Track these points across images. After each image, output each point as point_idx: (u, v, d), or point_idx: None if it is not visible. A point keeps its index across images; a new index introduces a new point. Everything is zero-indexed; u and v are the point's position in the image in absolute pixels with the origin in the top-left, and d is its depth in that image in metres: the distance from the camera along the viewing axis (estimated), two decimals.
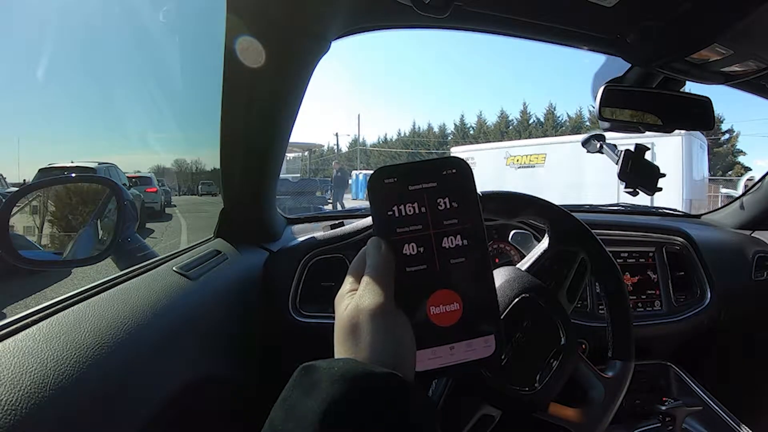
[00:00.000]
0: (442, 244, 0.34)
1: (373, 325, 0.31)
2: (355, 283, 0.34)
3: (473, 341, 0.33)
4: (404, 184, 0.34)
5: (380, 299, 0.31)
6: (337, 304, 0.34)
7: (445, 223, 0.34)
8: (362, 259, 0.34)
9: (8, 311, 2.14)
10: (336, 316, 0.33)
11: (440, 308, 0.33)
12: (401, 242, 0.33)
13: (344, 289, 0.34)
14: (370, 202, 0.35)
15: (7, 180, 6.35)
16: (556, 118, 28.04)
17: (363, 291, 0.32)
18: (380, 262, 0.33)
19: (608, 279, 0.65)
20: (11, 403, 0.30)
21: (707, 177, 10.10)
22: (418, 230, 0.34)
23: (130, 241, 0.76)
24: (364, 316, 0.31)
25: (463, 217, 0.34)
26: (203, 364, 0.58)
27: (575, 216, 0.66)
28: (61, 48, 23.77)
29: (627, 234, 1.05)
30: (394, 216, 0.34)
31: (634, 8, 0.60)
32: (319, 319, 0.87)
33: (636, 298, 1.02)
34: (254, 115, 0.71)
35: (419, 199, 0.34)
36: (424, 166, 0.35)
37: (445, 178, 0.35)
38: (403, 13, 0.65)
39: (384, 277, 0.32)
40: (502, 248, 0.98)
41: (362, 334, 0.31)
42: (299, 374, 0.29)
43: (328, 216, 1.18)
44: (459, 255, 0.34)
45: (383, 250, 0.33)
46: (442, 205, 0.34)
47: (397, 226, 0.34)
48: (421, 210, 0.34)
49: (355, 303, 0.32)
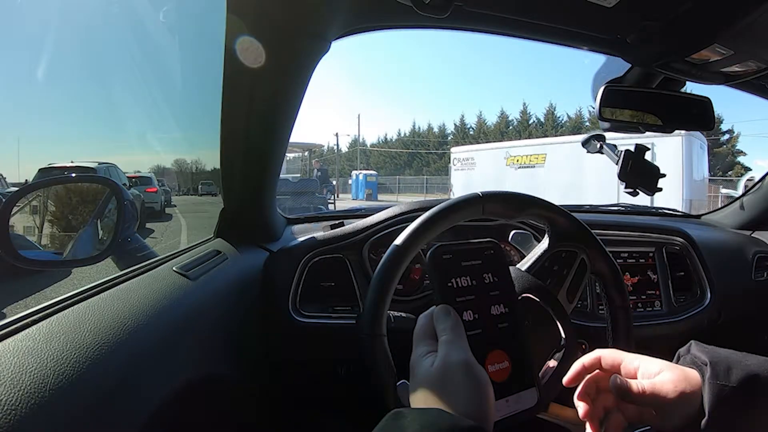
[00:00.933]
0: (491, 311, 0.40)
1: (462, 377, 0.34)
2: (431, 345, 0.38)
3: (522, 393, 0.40)
4: (458, 261, 0.42)
5: (466, 355, 0.35)
6: (416, 365, 0.37)
7: (491, 293, 0.41)
8: (427, 325, 0.39)
9: (8, 311, 2.14)
10: (418, 373, 0.37)
11: (495, 366, 0.38)
12: (460, 310, 0.39)
13: (421, 350, 0.38)
14: (431, 273, 0.41)
15: (7, 180, 6.34)
16: (556, 119, 28.07)
17: (447, 349, 0.36)
18: (454, 325, 0.38)
19: (608, 279, 0.65)
20: (11, 403, 0.30)
21: (707, 177, 10.11)
22: (472, 300, 0.40)
23: (130, 241, 0.76)
24: (454, 370, 0.34)
25: (503, 288, 0.42)
26: (203, 364, 0.58)
27: (575, 216, 0.66)
28: (61, 48, 23.74)
29: (627, 234, 1.05)
30: (453, 287, 0.40)
31: (634, 8, 0.60)
32: (319, 320, 0.87)
33: (636, 298, 1.02)
34: (254, 115, 0.71)
35: (470, 274, 0.41)
36: (470, 246, 0.44)
37: (486, 256, 0.43)
38: (403, 13, 0.65)
39: (461, 337, 0.37)
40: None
41: (452, 387, 0.34)
42: (390, 418, 0.32)
43: (328, 216, 1.18)
44: (504, 320, 0.40)
45: (453, 315, 0.39)
46: (487, 279, 0.42)
47: (456, 296, 0.40)
48: (473, 282, 0.41)
49: (442, 359, 0.35)
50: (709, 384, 0.37)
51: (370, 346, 0.56)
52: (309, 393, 0.99)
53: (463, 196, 0.63)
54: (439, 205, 0.62)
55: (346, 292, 0.90)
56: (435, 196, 16.96)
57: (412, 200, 1.09)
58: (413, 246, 0.60)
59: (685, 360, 0.42)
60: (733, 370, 0.38)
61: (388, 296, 0.58)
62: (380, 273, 0.59)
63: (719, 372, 0.38)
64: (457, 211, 0.62)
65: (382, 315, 0.58)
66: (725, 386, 0.37)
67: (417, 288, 0.93)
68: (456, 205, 0.62)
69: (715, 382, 0.37)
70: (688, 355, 0.43)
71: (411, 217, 0.78)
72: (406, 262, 0.60)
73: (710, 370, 0.38)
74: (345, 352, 0.92)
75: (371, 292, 0.58)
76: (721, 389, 0.37)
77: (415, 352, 0.38)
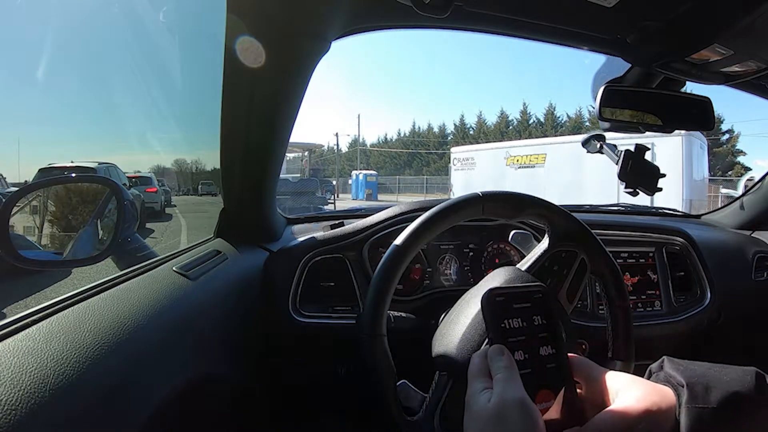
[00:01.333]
0: (540, 352, 0.42)
1: (518, 415, 0.35)
2: (486, 382, 0.39)
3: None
4: (510, 303, 0.44)
5: (521, 393, 0.37)
6: (472, 401, 0.39)
7: (540, 335, 0.43)
8: (482, 363, 0.41)
9: (8, 311, 2.14)
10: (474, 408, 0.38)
11: (543, 405, 0.40)
12: (512, 350, 0.41)
13: (478, 387, 0.39)
14: (486, 314, 0.43)
15: (7, 180, 6.34)
16: (556, 119, 28.07)
17: (503, 386, 0.37)
18: (509, 363, 0.39)
19: (608, 279, 0.65)
20: (11, 403, 0.30)
21: (707, 177, 10.11)
22: (522, 340, 0.42)
23: (130, 241, 0.76)
24: (511, 407, 0.36)
25: (550, 330, 0.44)
26: (203, 363, 0.58)
27: (575, 216, 0.66)
28: (61, 48, 23.75)
29: (627, 234, 1.05)
30: (506, 328, 0.42)
31: (634, 8, 0.60)
32: (319, 319, 0.87)
33: (636, 298, 1.02)
34: (254, 115, 0.71)
35: (521, 315, 0.43)
36: (521, 290, 0.48)
37: (536, 300, 0.45)
38: (403, 13, 0.65)
39: (516, 376, 0.39)
40: (502, 248, 0.98)
41: (509, 424, 0.35)
42: None
43: (328, 216, 1.18)
44: (551, 361, 0.42)
45: (507, 354, 0.40)
46: (537, 321, 0.44)
47: (509, 337, 0.42)
48: (523, 324, 0.43)
49: (498, 396, 0.37)
50: (687, 408, 0.35)
51: (370, 346, 0.56)
52: (309, 393, 0.99)
53: (463, 196, 0.63)
54: (439, 205, 0.62)
55: (346, 292, 0.90)
56: (435, 196, 16.96)
57: (412, 200, 1.09)
58: (413, 246, 0.60)
59: (658, 377, 0.40)
60: (712, 390, 0.35)
61: (388, 296, 0.58)
62: (380, 273, 0.59)
63: (697, 393, 0.36)
64: (457, 211, 0.62)
65: (382, 315, 0.58)
66: (704, 408, 0.35)
67: (417, 288, 0.93)
68: (456, 205, 0.62)
69: (693, 406, 0.35)
70: (661, 372, 0.40)
71: (411, 217, 0.78)
72: (406, 262, 0.60)
73: (687, 393, 0.36)
74: (345, 352, 0.92)
75: (371, 292, 0.58)
76: (700, 412, 0.35)
77: (471, 388, 0.40)
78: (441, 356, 0.57)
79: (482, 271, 0.96)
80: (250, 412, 0.77)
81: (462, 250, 0.97)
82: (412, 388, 0.57)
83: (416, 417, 0.55)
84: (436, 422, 0.54)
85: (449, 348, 0.56)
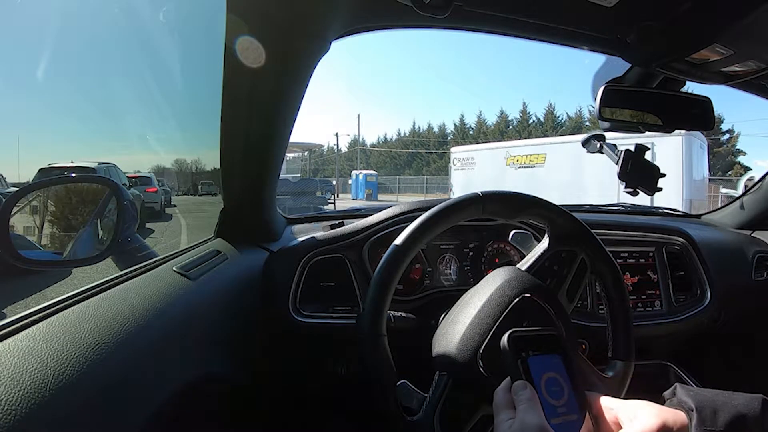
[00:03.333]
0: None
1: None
2: (511, 413, 0.44)
3: None
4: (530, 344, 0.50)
5: (541, 420, 0.41)
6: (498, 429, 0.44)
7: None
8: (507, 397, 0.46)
9: (8, 311, 2.14)
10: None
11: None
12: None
13: (503, 417, 0.44)
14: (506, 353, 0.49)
15: (7, 180, 6.34)
16: (555, 118, 28.06)
17: (524, 414, 0.42)
18: (531, 395, 0.44)
19: (608, 279, 0.65)
20: (11, 403, 0.30)
21: (707, 177, 10.10)
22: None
23: (130, 241, 0.76)
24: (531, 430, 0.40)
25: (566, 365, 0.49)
26: (203, 364, 0.58)
27: (575, 216, 0.66)
28: (62, 48, 23.76)
29: (627, 234, 1.05)
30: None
31: (634, 8, 0.60)
32: (319, 319, 0.87)
33: (636, 298, 1.02)
34: (254, 115, 0.71)
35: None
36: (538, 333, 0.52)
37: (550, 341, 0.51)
38: (403, 13, 0.65)
39: (537, 406, 0.43)
40: (502, 248, 0.98)
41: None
42: None
43: (328, 216, 1.18)
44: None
45: (529, 388, 0.45)
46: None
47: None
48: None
49: (519, 422, 0.42)
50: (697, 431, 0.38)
51: (370, 346, 0.56)
52: (309, 393, 0.99)
53: (463, 195, 0.63)
54: (439, 205, 0.62)
55: (346, 292, 0.90)
56: (435, 196, 16.95)
57: (412, 200, 1.09)
58: (413, 246, 0.60)
59: (671, 403, 0.44)
60: (719, 413, 0.38)
61: (388, 296, 0.58)
62: (380, 273, 0.59)
63: (705, 417, 0.39)
64: (458, 211, 0.62)
65: (382, 315, 0.58)
66: (713, 431, 0.38)
67: (417, 288, 0.93)
68: (456, 205, 0.62)
69: (702, 428, 0.38)
70: (674, 398, 0.44)
71: (411, 217, 0.78)
72: (407, 262, 0.60)
73: (696, 416, 0.39)
74: (345, 352, 0.92)
75: (371, 291, 0.58)
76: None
77: (497, 418, 0.45)
78: (441, 356, 0.57)
79: (482, 271, 0.96)
80: (251, 411, 0.77)
81: (462, 250, 0.97)
82: (412, 388, 0.57)
83: (416, 417, 0.55)
84: (435, 422, 0.54)
85: (449, 348, 0.56)
